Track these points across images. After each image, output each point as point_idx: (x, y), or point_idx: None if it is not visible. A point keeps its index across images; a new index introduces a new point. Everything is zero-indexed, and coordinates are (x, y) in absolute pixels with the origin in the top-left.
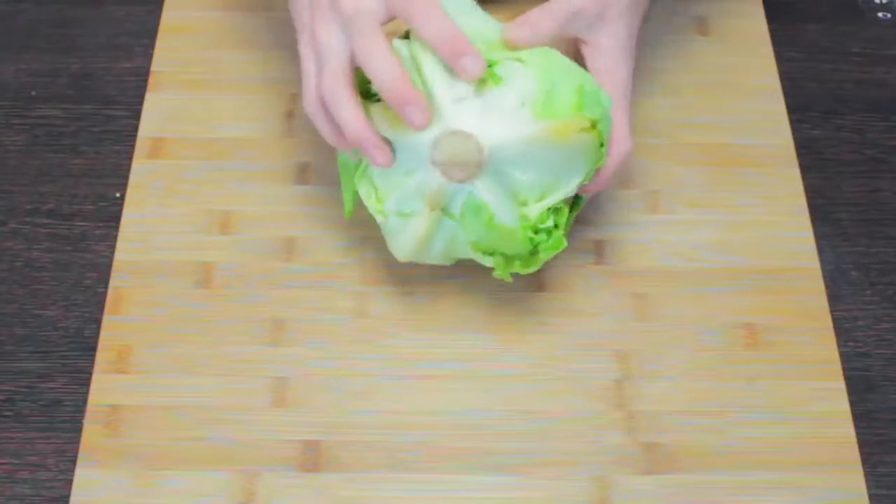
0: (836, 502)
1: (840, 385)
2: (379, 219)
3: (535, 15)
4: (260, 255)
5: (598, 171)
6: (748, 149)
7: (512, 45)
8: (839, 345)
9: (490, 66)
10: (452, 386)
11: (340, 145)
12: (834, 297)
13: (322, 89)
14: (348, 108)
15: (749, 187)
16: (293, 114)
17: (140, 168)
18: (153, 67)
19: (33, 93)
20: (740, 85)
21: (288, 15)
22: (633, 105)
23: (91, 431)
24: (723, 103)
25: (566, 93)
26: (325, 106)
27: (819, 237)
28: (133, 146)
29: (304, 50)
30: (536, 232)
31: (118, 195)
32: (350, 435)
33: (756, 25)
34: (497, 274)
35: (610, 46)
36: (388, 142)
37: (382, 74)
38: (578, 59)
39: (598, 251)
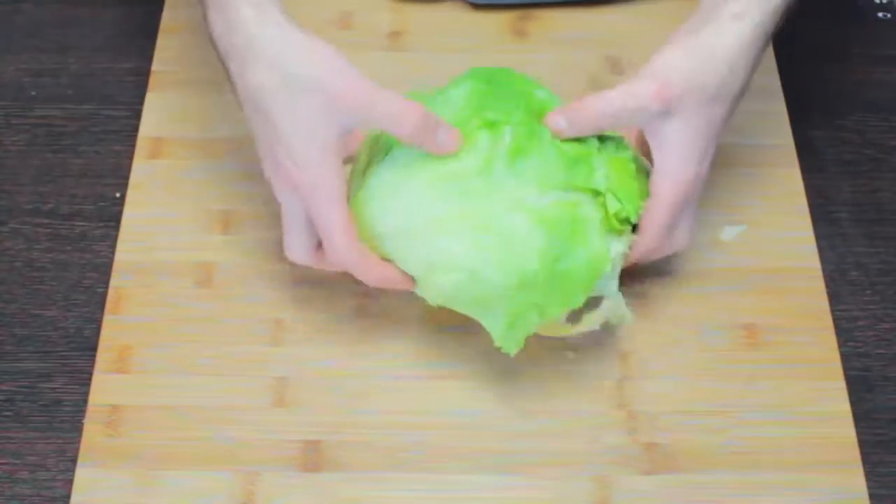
0: (837, 502)
1: (840, 385)
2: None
3: (589, 104)
4: (260, 255)
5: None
6: (748, 149)
7: (557, 134)
8: (839, 345)
9: None
10: (452, 386)
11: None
12: (834, 297)
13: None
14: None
15: (749, 187)
16: None
17: (140, 168)
18: (153, 67)
19: (33, 93)
20: None
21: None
22: None
23: (91, 431)
24: None
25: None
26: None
27: (819, 237)
28: (133, 146)
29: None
30: None
31: (118, 195)
32: (350, 435)
33: None
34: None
35: (678, 142)
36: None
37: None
38: (642, 145)
39: None
